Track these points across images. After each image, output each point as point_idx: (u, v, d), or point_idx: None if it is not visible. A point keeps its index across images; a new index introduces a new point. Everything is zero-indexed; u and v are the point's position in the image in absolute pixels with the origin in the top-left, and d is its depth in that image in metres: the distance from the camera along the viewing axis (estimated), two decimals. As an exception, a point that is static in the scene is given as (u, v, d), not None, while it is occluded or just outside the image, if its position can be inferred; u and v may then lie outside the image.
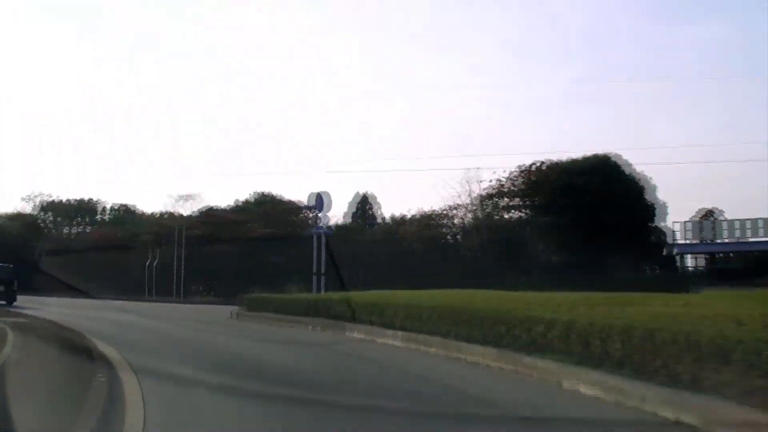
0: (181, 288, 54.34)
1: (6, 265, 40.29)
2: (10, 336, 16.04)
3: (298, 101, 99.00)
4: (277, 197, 61.33)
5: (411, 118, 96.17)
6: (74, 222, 78.20)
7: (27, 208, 75.19)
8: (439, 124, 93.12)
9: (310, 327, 22.45)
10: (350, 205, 60.69)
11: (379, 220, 61.57)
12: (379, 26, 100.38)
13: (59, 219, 78.17)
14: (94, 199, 78.26)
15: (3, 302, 35.05)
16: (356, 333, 20.00)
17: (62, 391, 10.04)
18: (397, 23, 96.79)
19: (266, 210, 59.18)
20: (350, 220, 60.18)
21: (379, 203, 61.46)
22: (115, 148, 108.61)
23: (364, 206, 60.90)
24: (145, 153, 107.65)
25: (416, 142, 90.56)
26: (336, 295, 23.37)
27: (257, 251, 52.75)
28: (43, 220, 77.71)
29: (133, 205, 76.65)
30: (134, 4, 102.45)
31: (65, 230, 77.66)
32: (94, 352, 14.47)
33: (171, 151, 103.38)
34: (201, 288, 56.27)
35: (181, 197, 65.49)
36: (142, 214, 74.32)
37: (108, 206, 78.60)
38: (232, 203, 64.08)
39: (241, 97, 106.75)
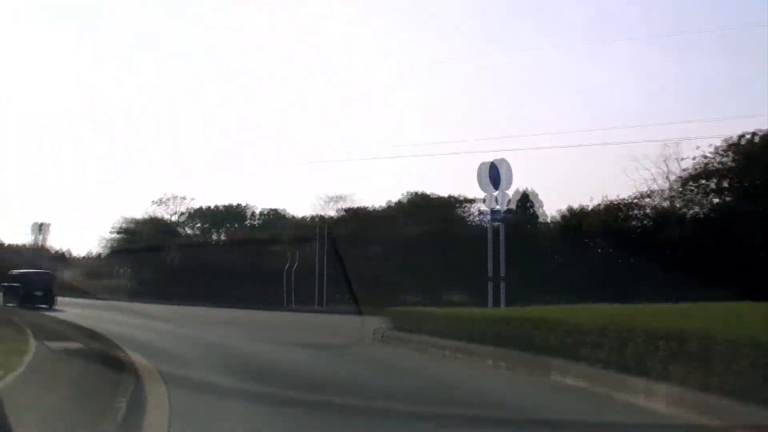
0: (323, 295, 47.65)
1: (45, 271, 45.30)
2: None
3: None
4: (433, 195, 53.44)
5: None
6: (222, 228, 74.24)
7: (159, 212, 71.43)
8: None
9: (490, 361, 14.44)
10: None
11: (542, 220, 52.46)
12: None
13: (206, 225, 74.39)
14: (243, 204, 74.04)
15: (44, 305, 37.74)
16: (570, 378, 12.00)
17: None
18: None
19: (419, 206, 51.55)
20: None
21: (541, 201, 52.29)
22: (263, 153, 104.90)
23: (524, 204, 51.88)
24: (294, 156, 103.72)
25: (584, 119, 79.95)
26: (531, 312, 14.92)
27: (409, 253, 45.45)
28: (191, 226, 74.13)
29: (284, 210, 71.54)
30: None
31: (214, 236, 73.93)
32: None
33: (319, 153, 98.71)
34: (346, 295, 49.20)
35: (330, 199, 59.29)
36: (292, 218, 68.94)
37: (257, 211, 73.99)
38: (384, 204, 56.96)
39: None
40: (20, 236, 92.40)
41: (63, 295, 57.01)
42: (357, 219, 53.27)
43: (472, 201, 50.67)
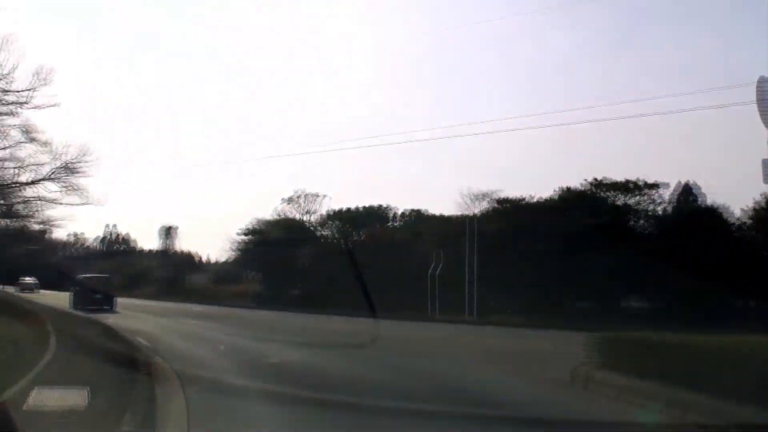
0: (474, 303, 40.03)
1: (104, 275, 47.36)
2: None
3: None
4: (606, 181, 44.37)
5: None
6: (362, 230, 68.36)
7: (290, 212, 65.83)
8: None
9: None
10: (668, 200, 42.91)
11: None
12: None
13: (347, 227, 68.66)
14: (384, 205, 67.70)
15: (105, 307, 38.91)
16: None
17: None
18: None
19: (586, 195, 42.90)
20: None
21: (704, 193, 42.31)
22: (405, 152, 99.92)
23: (686, 198, 42.33)
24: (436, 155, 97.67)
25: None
26: None
27: (576, 251, 37.26)
28: (330, 227, 68.56)
29: (426, 210, 64.83)
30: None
31: (355, 238, 68.28)
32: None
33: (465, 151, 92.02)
34: (502, 302, 41.19)
35: (476, 196, 51.70)
36: (438, 216, 62.09)
37: (399, 212, 67.76)
38: (542, 196, 48.49)
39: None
40: (151, 240, 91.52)
41: (188, 301, 53.92)
42: (511, 213, 45.11)
43: (653, 186, 41.75)
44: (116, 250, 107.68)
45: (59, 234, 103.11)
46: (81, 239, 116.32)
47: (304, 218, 63.95)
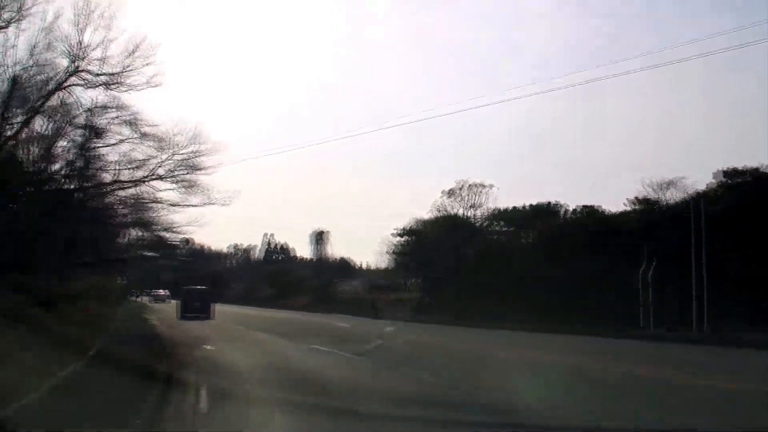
0: (704, 315, 29.85)
1: (203, 287, 49.30)
2: None
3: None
4: None
5: None
6: (530, 231, 60.45)
7: (452, 207, 58.04)
8: None
9: None
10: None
11: None
12: None
13: (512, 228, 60.96)
14: (553, 202, 60.13)
15: (204, 315, 42.34)
16: None
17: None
18: None
19: None
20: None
21: None
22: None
23: None
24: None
25: None
26: None
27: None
28: (498, 225, 61.08)
29: (599, 206, 56.23)
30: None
31: (522, 239, 60.48)
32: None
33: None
34: (745, 314, 30.14)
35: (659, 186, 42.56)
36: (610, 213, 53.38)
37: (570, 209, 59.44)
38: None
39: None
40: (307, 249, 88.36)
41: (337, 312, 48.21)
42: (747, 190, 33.87)
43: None
44: (275, 260, 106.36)
45: (220, 245, 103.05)
46: (240, 250, 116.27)
47: (468, 213, 55.75)
